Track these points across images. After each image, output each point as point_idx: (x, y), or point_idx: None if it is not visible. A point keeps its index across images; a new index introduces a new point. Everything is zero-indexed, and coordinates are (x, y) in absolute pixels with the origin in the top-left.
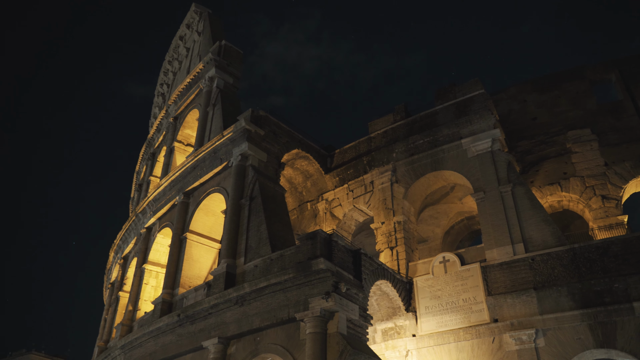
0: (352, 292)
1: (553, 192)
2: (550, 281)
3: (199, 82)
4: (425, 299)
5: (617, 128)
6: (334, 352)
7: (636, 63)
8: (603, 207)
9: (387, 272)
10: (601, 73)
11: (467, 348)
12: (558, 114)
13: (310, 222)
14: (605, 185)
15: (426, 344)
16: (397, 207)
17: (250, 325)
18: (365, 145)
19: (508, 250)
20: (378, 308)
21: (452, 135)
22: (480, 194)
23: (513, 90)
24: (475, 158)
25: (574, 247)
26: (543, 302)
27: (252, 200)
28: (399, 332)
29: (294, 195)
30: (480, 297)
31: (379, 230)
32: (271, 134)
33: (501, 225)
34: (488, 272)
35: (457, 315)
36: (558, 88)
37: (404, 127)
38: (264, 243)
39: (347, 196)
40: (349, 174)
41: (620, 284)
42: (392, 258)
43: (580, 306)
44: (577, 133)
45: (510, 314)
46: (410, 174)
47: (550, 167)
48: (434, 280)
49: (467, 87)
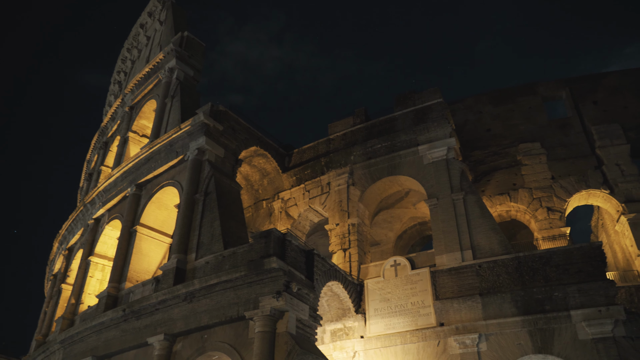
0: (303, 292)
1: (502, 202)
2: (495, 288)
3: (158, 73)
4: (375, 301)
5: (565, 143)
6: (282, 352)
7: (585, 83)
8: (548, 218)
9: (339, 274)
10: (553, 90)
11: (413, 351)
12: (511, 127)
13: (265, 220)
14: (551, 197)
15: (374, 346)
16: (352, 210)
17: (198, 322)
18: (324, 146)
19: (457, 257)
20: (328, 309)
21: (409, 141)
22: (434, 200)
23: (470, 101)
24: (431, 165)
25: (519, 256)
26: (487, 308)
27: (206, 196)
28: (348, 334)
29: (250, 192)
30: (428, 301)
31: (333, 232)
32: (230, 129)
33: (452, 232)
34: (437, 277)
35: (405, 318)
36: (512, 102)
37: (363, 131)
38: (216, 240)
39: (303, 196)
40: (307, 174)
41: (559, 293)
42: (344, 260)
43: (522, 313)
44: (528, 146)
45: (456, 319)
46: (366, 178)
47: (501, 178)
48: (384, 283)
49: (426, 95)
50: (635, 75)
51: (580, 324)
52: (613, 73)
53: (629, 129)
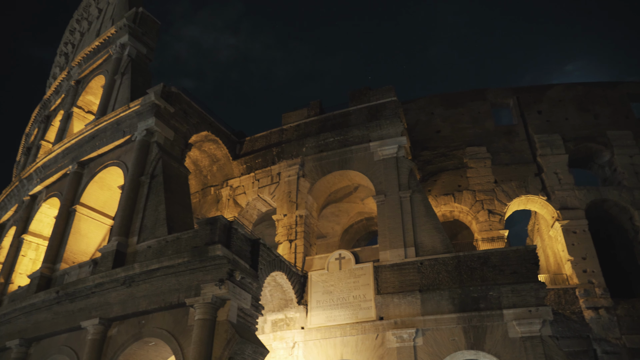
0: (246, 281)
1: (447, 202)
2: (435, 285)
3: (109, 48)
4: (318, 293)
5: (509, 150)
6: (222, 340)
7: (531, 93)
8: (488, 220)
9: (283, 264)
10: (501, 97)
11: (352, 343)
12: (460, 130)
13: (212, 207)
14: (493, 201)
15: (314, 337)
16: (301, 201)
17: (136, 307)
18: (277, 136)
19: (400, 253)
20: (271, 299)
21: (361, 137)
22: (381, 196)
23: (422, 102)
24: (381, 162)
25: (459, 255)
26: (426, 304)
27: (153, 179)
28: (289, 324)
29: (198, 178)
30: (370, 295)
31: (280, 222)
32: (181, 112)
33: (397, 229)
34: (380, 272)
35: (346, 311)
36: (462, 106)
37: (317, 123)
38: (160, 224)
39: (253, 185)
40: (257, 162)
41: (494, 292)
42: (290, 251)
43: (458, 310)
44: (474, 150)
45: (395, 313)
46: (317, 170)
47: (447, 179)
48: (328, 275)
49: (381, 92)
50: (577, 89)
51: (511, 323)
52: (557, 86)
53: (569, 140)
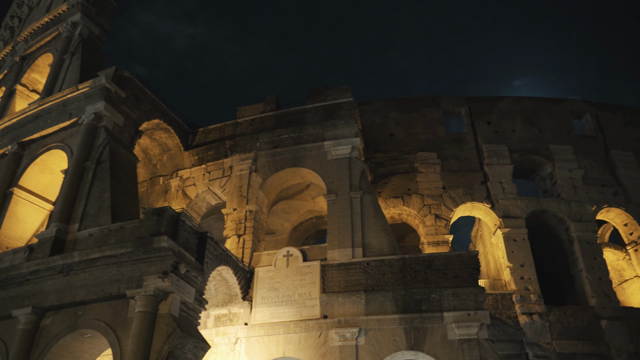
0: (191, 274)
1: (396, 205)
2: (380, 286)
3: (59, 25)
4: (264, 290)
5: (458, 157)
6: (162, 334)
7: (482, 103)
8: (435, 225)
9: (230, 259)
10: (454, 106)
11: (294, 340)
12: (413, 135)
13: (160, 197)
14: (440, 206)
15: (257, 334)
16: (252, 196)
17: (74, 297)
18: (231, 129)
19: (348, 253)
20: (215, 293)
21: (316, 135)
22: (332, 196)
23: (378, 105)
24: (334, 161)
25: (405, 258)
26: (370, 304)
27: (99, 164)
28: (232, 320)
29: (147, 166)
30: (316, 293)
31: (230, 217)
32: (133, 98)
33: (346, 229)
34: (326, 271)
35: (291, 309)
36: (417, 111)
37: (272, 119)
38: (104, 212)
39: (203, 177)
40: (209, 155)
41: (436, 295)
42: (238, 246)
43: (400, 311)
44: (425, 155)
45: (339, 312)
46: (270, 166)
47: (398, 182)
48: (275, 272)
49: (338, 92)
50: (525, 103)
51: (451, 325)
52: (507, 98)
53: (514, 151)
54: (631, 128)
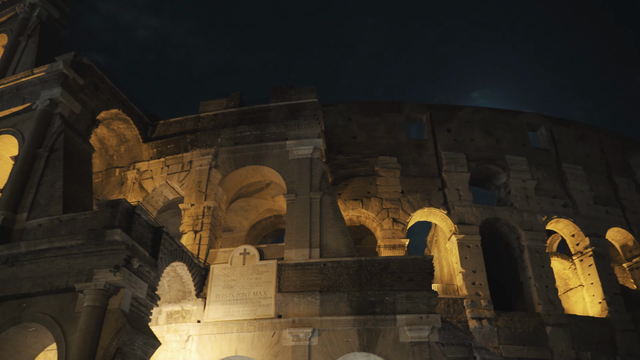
0: (144, 269)
1: (355, 207)
2: (335, 287)
3: (16, 5)
4: (218, 287)
5: (418, 163)
6: (111, 329)
7: (443, 111)
8: (392, 228)
9: (185, 255)
10: (416, 112)
11: (247, 339)
12: (374, 139)
13: (115, 189)
14: (398, 210)
15: (209, 331)
16: (211, 192)
17: (18, 289)
18: (192, 123)
19: (305, 253)
20: (168, 290)
21: (279, 134)
22: (292, 195)
23: (342, 107)
24: (295, 161)
25: (361, 260)
26: (325, 305)
27: (52, 152)
28: (185, 317)
29: (104, 157)
30: (271, 292)
31: (187, 212)
32: (92, 86)
33: (304, 229)
34: (283, 271)
35: (246, 307)
36: (379, 115)
37: (235, 115)
38: (55, 202)
39: (162, 170)
40: (169, 148)
41: (390, 298)
42: (194, 242)
43: (354, 312)
44: (386, 159)
45: (294, 312)
46: (230, 162)
47: (358, 185)
48: (230, 270)
49: (302, 92)
50: (484, 113)
51: (403, 328)
52: (467, 108)
53: (472, 160)
54: (582, 143)
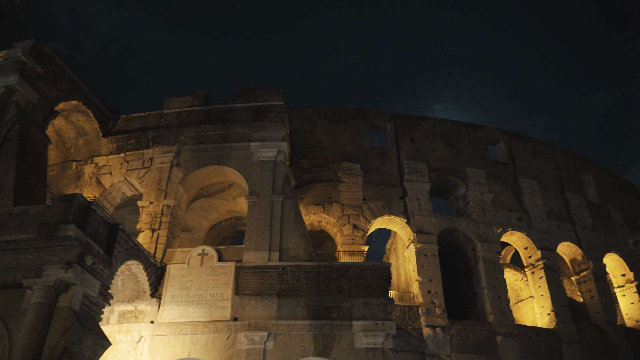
0: (98, 267)
1: (316, 212)
2: (293, 291)
3: None
4: (174, 288)
5: (381, 170)
6: (59, 328)
7: (407, 121)
8: (352, 235)
9: (142, 254)
10: (381, 120)
11: (201, 341)
12: (339, 144)
13: (71, 183)
14: (359, 216)
15: (163, 332)
16: (171, 191)
17: None
18: (155, 120)
19: (264, 256)
20: (122, 289)
21: (243, 135)
22: (254, 197)
23: (308, 111)
24: (259, 163)
25: (320, 265)
26: (282, 309)
27: (5, 142)
28: (138, 317)
29: (60, 149)
30: (228, 294)
31: (145, 210)
32: (51, 75)
33: (264, 232)
34: (241, 273)
35: (201, 309)
36: (344, 122)
37: (200, 114)
38: (6, 193)
39: (121, 166)
40: (130, 144)
41: (347, 304)
42: (151, 240)
43: (311, 317)
44: (349, 166)
45: (250, 315)
46: (193, 161)
47: (320, 190)
48: (188, 270)
49: (269, 94)
50: (447, 125)
51: (359, 334)
52: (431, 119)
53: (433, 170)
54: (538, 159)
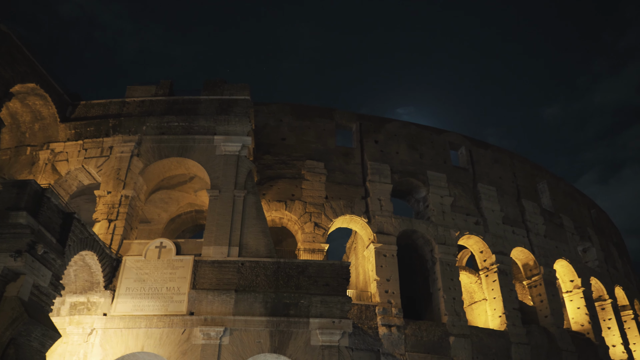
0: (49, 256)
1: (278, 209)
2: (252, 287)
3: None
4: (130, 280)
5: (344, 170)
6: (5, 318)
7: (372, 123)
8: (313, 233)
9: (97, 244)
10: (346, 120)
11: (156, 335)
12: (304, 142)
13: (24, 168)
14: (321, 215)
15: (116, 325)
16: (130, 181)
17: None
18: (117, 107)
19: (224, 251)
20: (74, 279)
21: (208, 128)
22: (216, 192)
23: (274, 108)
24: (222, 157)
25: (280, 262)
26: (239, 304)
27: None
28: (90, 309)
29: (15, 133)
30: (185, 288)
31: (102, 200)
32: (7, 56)
33: (225, 226)
34: (199, 267)
35: (157, 302)
36: (310, 120)
37: (164, 104)
38: None
39: (79, 154)
40: (89, 131)
41: (305, 301)
42: (107, 231)
43: (269, 314)
44: (313, 164)
45: (207, 310)
46: (154, 152)
47: (283, 186)
48: (144, 263)
49: (235, 88)
50: (411, 129)
51: (315, 331)
52: (395, 121)
53: (395, 172)
54: (497, 166)
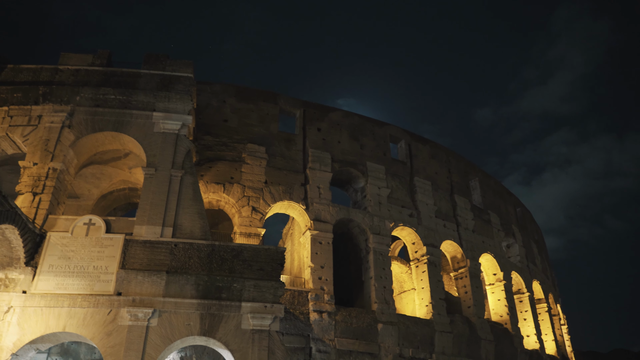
0: None
1: (216, 191)
2: (184, 269)
3: None
4: (54, 257)
5: (285, 156)
6: None
7: (316, 110)
8: (250, 217)
9: (19, 218)
10: (290, 106)
11: (79, 315)
12: (246, 125)
13: None
14: (259, 199)
15: (36, 304)
16: (59, 153)
17: None
18: (49, 74)
19: (157, 231)
20: None
21: (146, 104)
22: (152, 170)
23: (217, 88)
24: (160, 135)
25: (214, 244)
26: (170, 286)
27: None
28: (8, 286)
29: None
30: (113, 268)
31: (28, 171)
32: None
33: (159, 206)
34: (130, 246)
35: (82, 281)
36: (254, 103)
37: (101, 75)
38: None
39: (3, 121)
40: (15, 97)
41: (238, 285)
42: (31, 205)
43: (200, 296)
44: (254, 148)
45: (135, 291)
46: (87, 124)
47: (223, 169)
48: (71, 240)
49: (178, 64)
50: (354, 119)
51: (246, 315)
52: (339, 111)
53: (336, 161)
54: (434, 161)
